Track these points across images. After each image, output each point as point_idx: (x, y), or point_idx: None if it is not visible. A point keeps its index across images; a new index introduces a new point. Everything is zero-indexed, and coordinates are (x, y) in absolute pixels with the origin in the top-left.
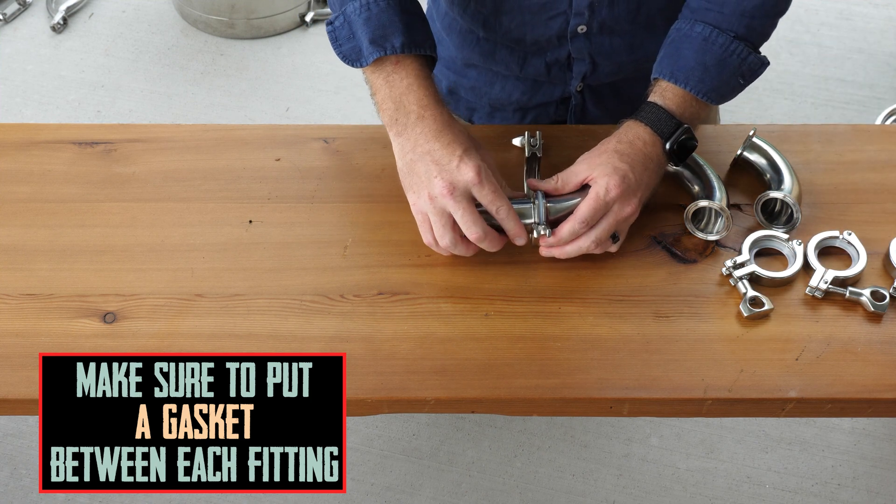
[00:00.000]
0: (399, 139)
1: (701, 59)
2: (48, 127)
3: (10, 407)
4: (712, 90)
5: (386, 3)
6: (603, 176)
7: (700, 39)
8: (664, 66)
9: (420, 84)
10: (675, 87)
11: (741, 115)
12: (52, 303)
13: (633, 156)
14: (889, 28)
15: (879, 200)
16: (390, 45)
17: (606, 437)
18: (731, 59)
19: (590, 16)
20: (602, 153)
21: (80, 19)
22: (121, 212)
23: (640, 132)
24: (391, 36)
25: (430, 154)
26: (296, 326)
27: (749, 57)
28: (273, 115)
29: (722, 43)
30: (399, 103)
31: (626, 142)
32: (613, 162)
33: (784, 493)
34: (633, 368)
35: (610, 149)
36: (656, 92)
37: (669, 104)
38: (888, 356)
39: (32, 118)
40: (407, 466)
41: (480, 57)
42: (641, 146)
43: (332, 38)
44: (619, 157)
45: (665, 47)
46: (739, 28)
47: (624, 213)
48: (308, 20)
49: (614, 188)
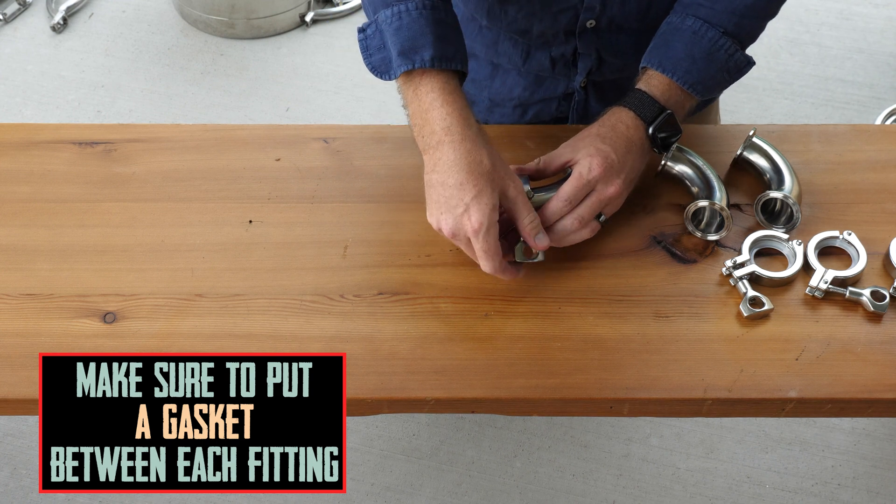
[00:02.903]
0: (424, 156)
1: (689, 51)
2: (48, 127)
3: (10, 407)
4: (698, 82)
5: (419, 13)
6: (586, 157)
7: (690, 32)
8: (653, 56)
9: (445, 100)
10: (662, 75)
11: (741, 115)
12: (52, 303)
13: (615, 139)
14: (889, 28)
15: (879, 200)
16: (419, 58)
17: (606, 437)
18: (718, 54)
19: (601, 11)
20: (585, 137)
21: (80, 19)
22: (121, 212)
23: (623, 116)
24: (421, 49)
25: (442, 187)
26: (296, 326)
27: (736, 54)
28: (273, 115)
29: (711, 37)
30: (424, 121)
31: (609, 125)
32: (596, 144)
33: (784, 493)
34: (633, 368)
35: (592, 133)
36: (643, 80)
37: (654, 91)
38: (888, 356)
39: (32, 118)
40: (407, 466)
41: (482, 47)
42: (624, 129)
43: (362, 47)
44: (600, 139)
45: (655, 39)
46: (729, 25)
47: (607, 193)
48: (308, 20)
49: (597, 167)
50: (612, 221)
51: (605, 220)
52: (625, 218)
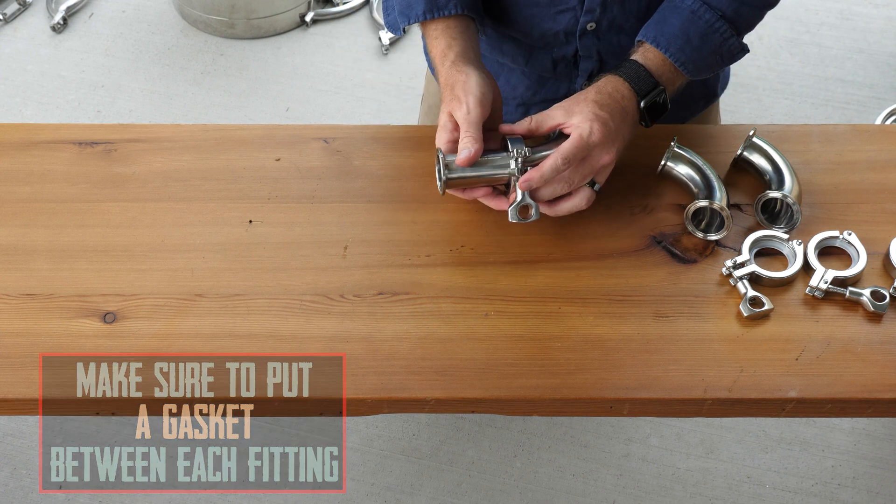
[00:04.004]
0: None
1: (685, 29)
2: (48, 127)
3: (10, 407)
4: (690, 61)
5: None
6: (586, 120)
7: (688, 12)
8: (649, 31)
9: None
10: (657, 50)
11: (741, 115)
12: (52, 303)
13: (612, 106)
14: (889, 28)
15: (879, 200)
16: (414, 14)
17: (606, 437)
18: (713, 36)
19: (601, 13)
20: (580, 101)
21: (80, 19)
22: (121, 212)
23: (619, 86)
24: (415, 5)
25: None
26: (296, 326)
27: (731, 39)
28: (273, 115)
29: (708, 19)
30: (432, 58)
31: (606, 93)
32: (594, 109)
33: (784, 493)
34: (633, 368)
35: (589, 98)
36: (638, 52)
37: (650, 64)
38: (888, 356)
39: (32, 118)
40: (407, 466)
41: (487, 47)
42: (619, 98)
43: (383, 9)
44: (598, 106)
45: (655, 14)
46: (728, 10)
47: (603, 161)
48: (308, 20)
49: (597, 132)
50: (611, 221)
51: (599, 188)
52: (625, 218)
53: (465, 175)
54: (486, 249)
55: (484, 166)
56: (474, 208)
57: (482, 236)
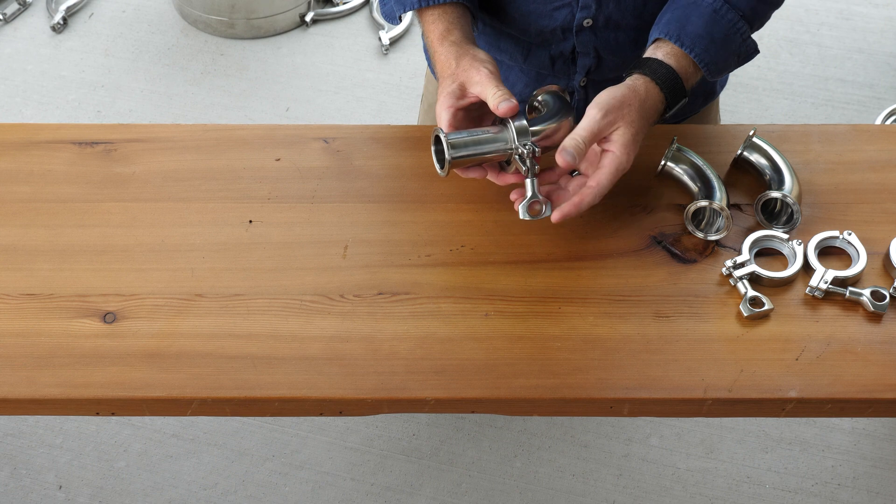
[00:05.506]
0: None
1: (709, 29)
2: (48, 127)
3: (10, 407)
4: (712, 62)
5: None
6: (624, 150)
7: (710, 10)
8: (671, 28)
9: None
10: (680, 49)
11: (741, 115)
12: (52, 303)
13: (646, 123)
14: (889, 28)
15: (879, 200)
16: (410, 1)
17: (606, 437)
18: (734, 37)
19: (596, 9)
20: (624, 116)
21: (80, 19)
22: (121, 212)
23: (657, 100)
24: None
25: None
26: (296, 326)
27: (748, 39)
28: (273, 115)
29: (730, 19)
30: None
31: (650, 105)
32: (633, 133)
33: (784, 493)
34: (633, 368)
35: (633, 117)
36: (669, 54)
37: (681, 71)
38: (888, 356)
39: (32, 118)
40: (407, 466)
41: (484, 44)
42: (654, 114)
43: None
44: (643, 120)
45: (671, 10)
46: (746, 8)
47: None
48: (308, 20)
49: (631, 157)
50: (611, 221)
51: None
52: (625, 218)
53: (468, 153)
54: (486, 249)
55: (484, 143)
56: (474, 208)
57: (482, 236)
